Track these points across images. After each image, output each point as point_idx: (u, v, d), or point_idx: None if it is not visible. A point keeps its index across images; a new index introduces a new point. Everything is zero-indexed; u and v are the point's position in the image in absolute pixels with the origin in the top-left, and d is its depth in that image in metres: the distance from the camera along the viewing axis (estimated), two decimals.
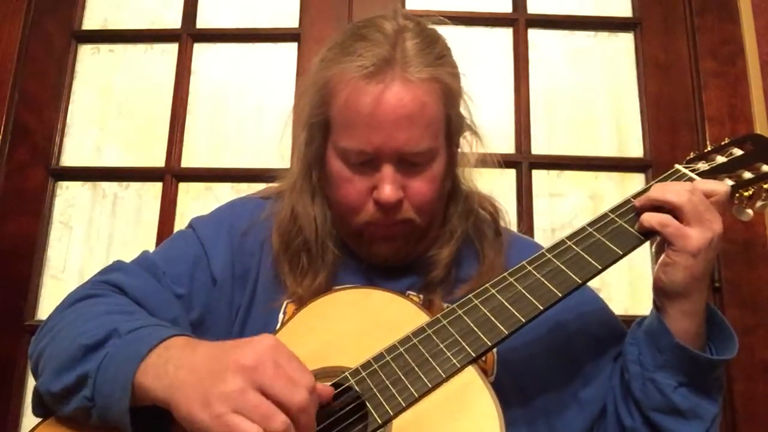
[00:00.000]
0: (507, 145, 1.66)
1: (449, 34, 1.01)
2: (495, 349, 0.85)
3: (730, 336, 0.86)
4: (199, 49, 1.77)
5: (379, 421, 0.73)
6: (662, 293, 0.85)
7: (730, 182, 0.87)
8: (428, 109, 0.88)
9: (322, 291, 0.93)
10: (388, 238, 0.93)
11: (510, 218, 1.08)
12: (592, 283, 0.88)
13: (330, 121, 0.92)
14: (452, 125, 0.94)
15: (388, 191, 0.87)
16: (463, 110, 0.98)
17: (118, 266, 0.95)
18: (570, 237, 0.86)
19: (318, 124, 0.94)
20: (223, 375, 0.66)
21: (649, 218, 0.83)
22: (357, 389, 0.76)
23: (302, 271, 0.94)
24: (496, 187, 1.60)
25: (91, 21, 1.82)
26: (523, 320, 0.79)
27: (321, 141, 0.94)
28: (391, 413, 0.73)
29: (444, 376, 0.75)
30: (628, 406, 0.87)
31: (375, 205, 0.89)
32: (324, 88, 0.92)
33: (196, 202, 1.68)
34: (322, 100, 0.92)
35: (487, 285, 0.83)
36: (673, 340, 0.82)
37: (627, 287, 1.58)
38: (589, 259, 0.82)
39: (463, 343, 0.77)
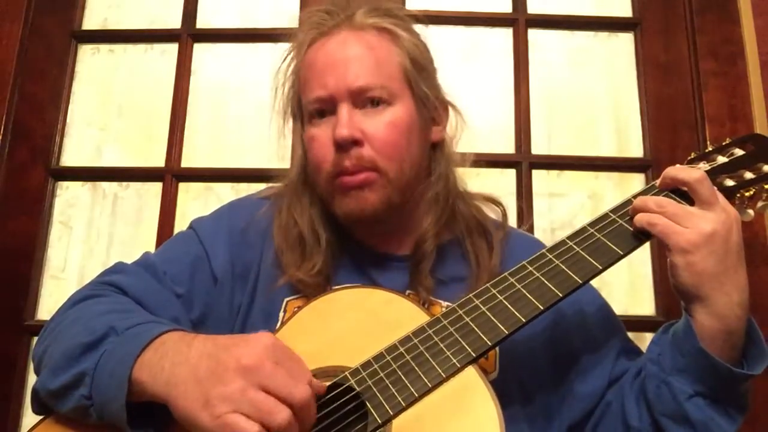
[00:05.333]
0: (507, 145, 1.66)
1: (449, 34, 1.02)
2: None
3: (761, 353, 0.81)
4: (199, 49, 1.77)
5: (379, 421, 0.73)
6: (679, 296, 0.82)
7: (730, 182, 0.87)
8: (376, 51, 0.94)
9: (322, 276, 0.94)
10: (355, 187, 0.91)
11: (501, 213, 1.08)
12: (592, 283, 0.87)
13: (299, 95, 0.98)
14: (412, 79, 0.96)
15: (342, 127, 0.90)
16: (433, 84, 1.01)
17: (119, 268, 0.96)
18: (570, 237, 0.86)
19: (294, 107, 1.00)
20: (223, 375, 0.67)
21: (640, 218, 0.82)
22: (357, 388, 0.76)
23: (302, 257, 0.95)
24: (497, 187, 1.61)
25: (91, 21, 1.81)
26: (524, 320, 0.79)
27: (299, 122, 1.00)
28: (391, 413, 0.73)
29: (444, 376, 0.75)
30: (638, 407, 0.85)
31: (337, 151, 0.91)
32: (291, 73, 1.00)
33: (196, 202, 1.68)
34: (290, 84, 1.00)
35: (487, 285, 0.83)
36: (696, 343, 0.78)
37: (627, 287, 1.58)
38: (590, 259, 0.82)
39: (464, 343, 0.77)
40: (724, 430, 0.79)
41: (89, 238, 1.67)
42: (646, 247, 1.55)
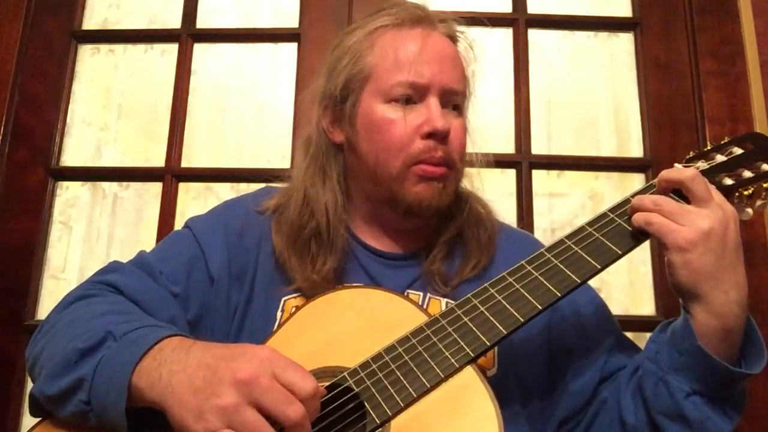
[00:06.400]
0: (507, 145, 1.66)
1: None
2: None
3: (759, 352, 0.80)
4: (199, 49, 1.77)
5: (378, 422, 0.73)
6: (677, 294, 0.82)
7: (729, 181, 0.87)
8: (462, 63, 0.99)
9: (333, 276, 0.94)
10: (431, 178, 0.93)
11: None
12: (592, 283, 0.87)
13: (370, 70, 0.96)
14: (469, 97, 1.02)
15: (440, 119, 0.92)
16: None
17: (114, 267, 0.96)
18: (569, 236, 0.85)
19: (354, 80, 0.96)
20: (218, 388, 0.67)
21: (638, 217, 0.82)
22: (355, 389, 0.76)
23: (312, 258, 0.95)
24: (496, 187, 1.61)
25: (91, 21, 1.82)
26: (522, 320, 0.78)
27: (356, 98, 0.97)
28: (390, 413, 0.73)
29: (443, 376, 0.75)
30: (634, 403, 0.85)
31: (425, 138, 0.92)
32: (359, 47, 0.97)
33: (196, 201, 1.68)
34: (358, 57, 0.97)
35: (486, 285, 0.83)
36: (695, 342, 0.77)
37: (627, 287, 1.58)
38: (588, 259, 0.82)
39: (462, 343, 0.77)
40: (721, 429, 0.78)
41: (89, 238, 1.68)
42: (646, 246, 1.55)
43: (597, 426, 0.91)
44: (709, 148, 0.93)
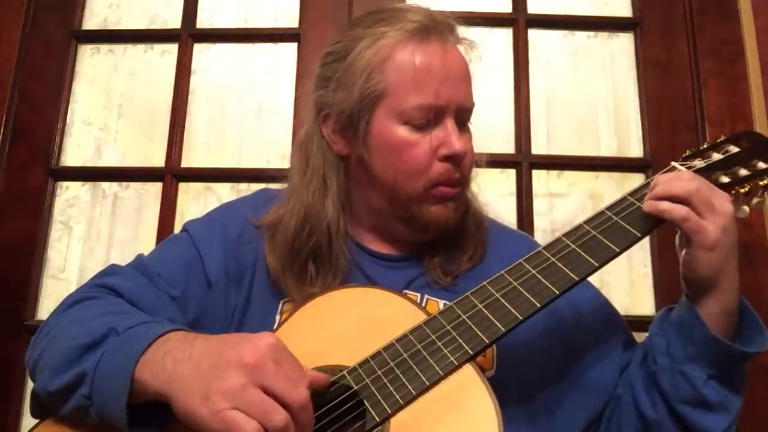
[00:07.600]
0: (507, 145, 1.66)
1: None
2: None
3: (757, 328, 0.85)
4: (199, 49, 1.77)
5: (377, 419, 0.73)
6: (691, 286, 0.85)
7: (726, 179, 0.87)
8: (470, 74, 0.96)
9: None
10: (449, 199, 0.94)
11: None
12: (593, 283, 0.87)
13: (385, 88, 0.91)
14: None
15: (459, 141, 0.91)
16: None
17: (113, 270, 0.96)
18: (567, 235, 0.86)
19: (368, 97, 0.91)
20: (224, 371, 0.67)
21: (670, 209, 0.82)
22: (355, 387, 0.76)
23: (311, 280, 0.94)
24: (496, 187, 1.61)
25: (91, 21, 1.82)
26: (521, 318, 0.79)
27: (369, 115, 0.92)
28: (389, 411, 0.73)
29: (442, 373, 0.75)
30: (651, 398, 0.87)
31: (444, 161, 0.91)
32: (370, 61, 0.91)
33: (196, 202, 1.68)
34: (370, 72, 0.91)
35: (484, 283, 0.83)
36: (707, 332, 0.81)
37: (627, 287, 1.58)
38: (586, 257, 0.82)
39: (461, 341, 0.77)
40: (736, 404, 0.84)
41: (89, 238, 1.68)
42: (646, 247, 1.55)
43: (616, 422, 0.92)
44: (705, 146, 0.94)
